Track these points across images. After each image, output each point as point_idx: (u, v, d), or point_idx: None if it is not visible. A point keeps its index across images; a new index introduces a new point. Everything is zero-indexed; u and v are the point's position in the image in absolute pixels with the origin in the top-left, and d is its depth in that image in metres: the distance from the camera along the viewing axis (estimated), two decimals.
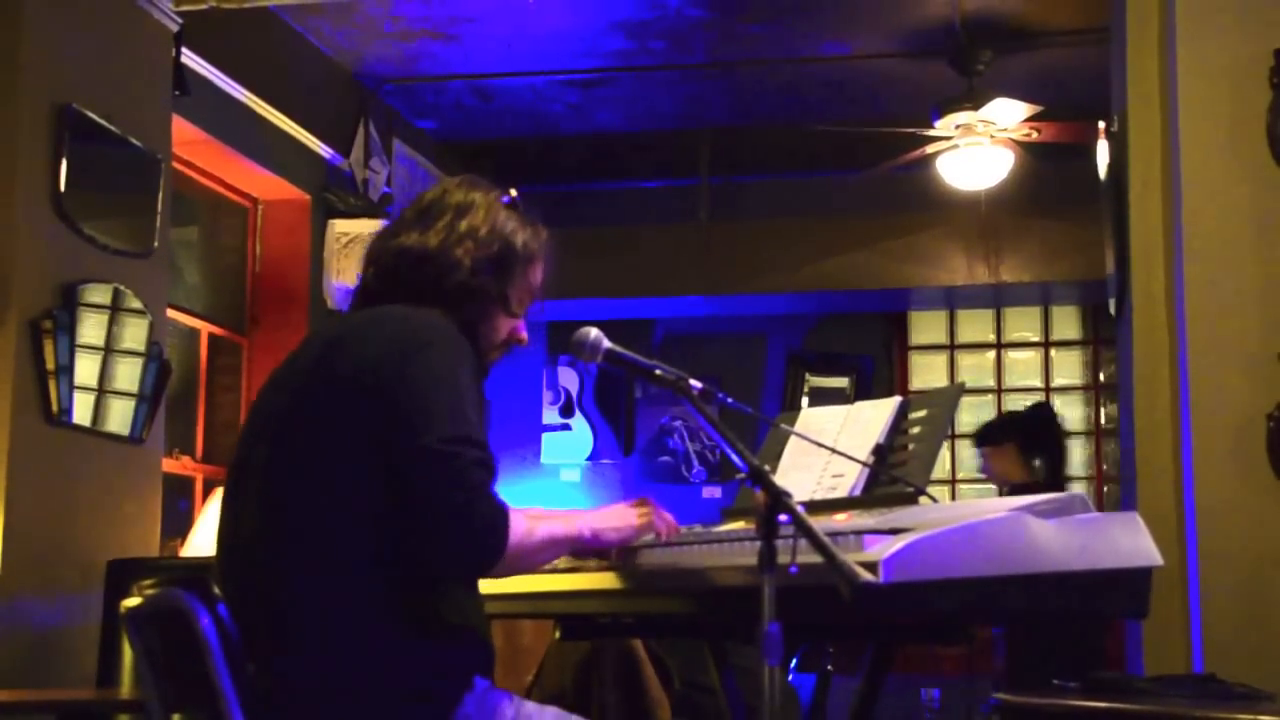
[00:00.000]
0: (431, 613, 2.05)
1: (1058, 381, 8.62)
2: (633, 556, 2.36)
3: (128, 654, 4.02)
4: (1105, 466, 8.46)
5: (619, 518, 2.31)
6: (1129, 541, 2.17)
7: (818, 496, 2.60)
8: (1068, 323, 8.64)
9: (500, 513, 1.99)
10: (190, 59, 5.19)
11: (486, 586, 2.26)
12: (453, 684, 2.06)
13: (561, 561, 2.45)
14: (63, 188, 4.40)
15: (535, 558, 2.15)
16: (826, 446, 2.61)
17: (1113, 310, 4.68)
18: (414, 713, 2.02)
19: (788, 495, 1.90)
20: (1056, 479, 5.38)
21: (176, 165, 5.32)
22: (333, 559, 2.01)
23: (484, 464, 1.99)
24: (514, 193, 2.35)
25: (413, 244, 2.24)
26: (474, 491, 1.97)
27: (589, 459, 8.80)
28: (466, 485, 1.96)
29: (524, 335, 2.34)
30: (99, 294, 4.51)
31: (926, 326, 8.77)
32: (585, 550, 2.32)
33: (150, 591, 2.11)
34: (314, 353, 2.19)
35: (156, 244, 4.83)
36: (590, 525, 2.26)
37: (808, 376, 8.70)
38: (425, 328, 2.12)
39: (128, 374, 4.60)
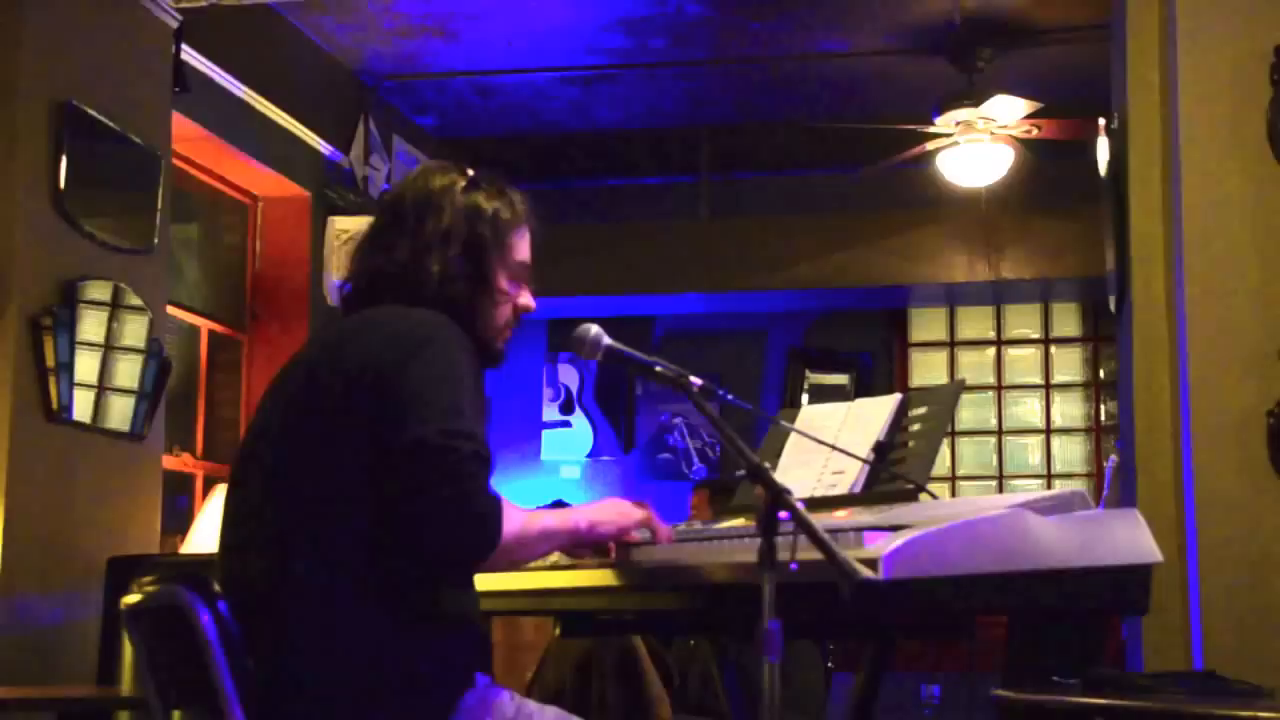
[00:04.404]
0: (430, 608, 2.05)
1: (1058, 378, 8.62)
2: (632, 554, 2.36)
3: (128, 651, 4.02)
4: (1105, 463, 8.45)
5: (615, 511, 2.30)
6: (1129, 538, 2.17)
7: (818, 493, 2.60)
8: (1068, 320, 8.64)
9: (494, 506, 1.99)
10: (190, 56, 5.19)
11: (487, 583, 2.26)
12: (453, 679, 2.06)
13: (560, 558, 2.45)
14: (63, 185, 4.40)
15: (531, 550, 2.14)
16: (827, 444, 2.61)
17: (1113, 307, 4.68)
18: (415, 708, 2.02)
19: (788, 492, 1.90)
20: None
21: (176, 162, 5.32)
22: (333, 555, 2.01)
23: (479, 457, 1.99)
24: (471, 171, 2.29)
25: (382, 265, 2.21)
26: (468, 484, 1.96)
27: (589, 456, 8.80)
28: (460, 478, 1.96)
29: (530, 303, 2.31)
30: (99, 291, 4.51)
31: (926, 323, 8.77)
32: (582, 542, 2.31)
33: (150, 588, 2.10)
34: (315, 353, 2.19)
35: (156, 241, 4.83)
36: (587, 518, 2.25)
37: (808, 373, 8.70)
38: (424, 324, 2.11)
39: (128, 371, 4.60)
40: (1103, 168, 4.70)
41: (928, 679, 7.47)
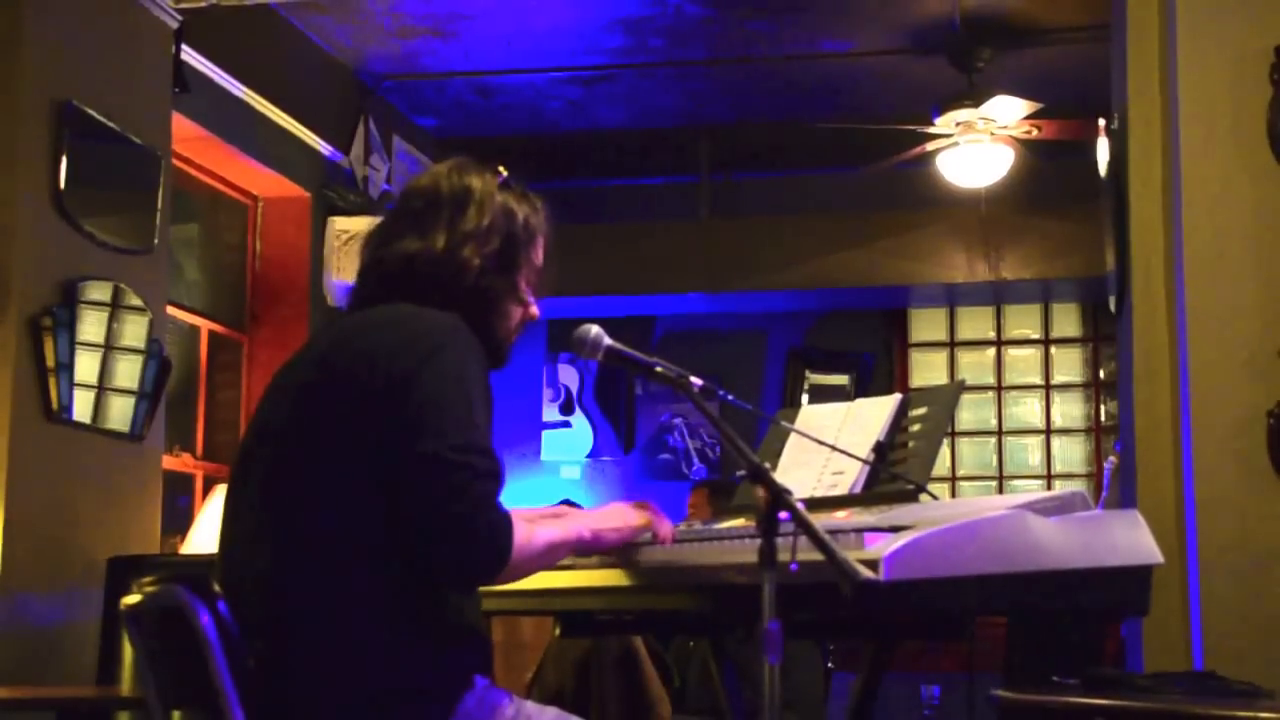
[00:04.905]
0: (430, 611, 2.05)
1: (1058, 379, 8.61)
2: (633, 554, 2.36)
3: (128, 651, 4.02)
4: (1104, 464, 8.45)
5: (619, 517, 2.30)
6: (1129, 539, 2.17)
7: (818, 494, 2.60)
8: (1068, 320, 8.63)
9: (504, 524, 1.98)
10: (190, 56, 5.19)
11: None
12: (453, 682, 2.05)
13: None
14: (63, 185, 4.39)
15: (536, 564, 2.14)
16: (827, 444, 2.61)
17: (1113, 307, 4.67)
18: (414, 711, 2.01)
19: (788, 493, 1.90)
20: None
21: (176, 162, 5.32)
22: (332, 558, 2.01)
23: (491, 473, 1.98)
24: (504, 171, 2.31)
25: (417, 249, 2.19)
26: (479, 502, 1.96)
27: (589, 456, 8.79)
28: (472, 496, 1.95)
29: (537, 311, 2.32)
30: (99, 291, 4.51)
31: (927, 324, 8.76)
32: (586, 551, 2.31)
33: (150, 588, 2.10)
34: (319, 352, 2.17)
35: (156, 241, 4.83)
36: (590, 526, 2.25)
37: (808, 373, 8.69)
38: (437, 329, 2.09)
39: (128, 371, 4.60)
40: (1103, 168, 4.69)
41: (928, 679, 7.47)
